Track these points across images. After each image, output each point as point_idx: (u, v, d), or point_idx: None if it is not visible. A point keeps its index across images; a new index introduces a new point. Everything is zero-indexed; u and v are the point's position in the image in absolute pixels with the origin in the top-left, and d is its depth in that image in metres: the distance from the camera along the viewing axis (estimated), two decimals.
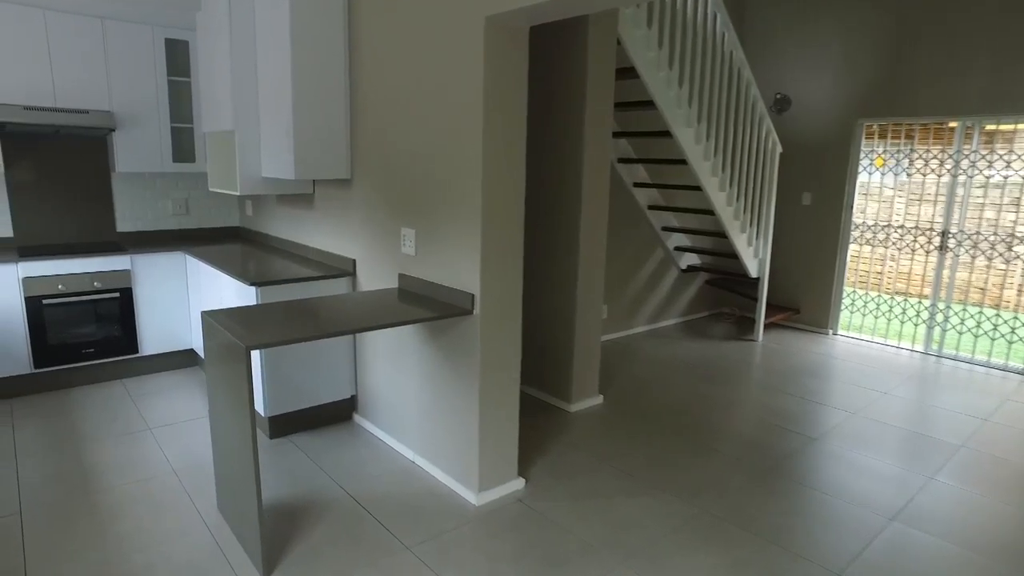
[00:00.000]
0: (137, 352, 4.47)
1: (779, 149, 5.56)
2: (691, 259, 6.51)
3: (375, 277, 3.47)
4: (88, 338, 4.29)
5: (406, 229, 3.15)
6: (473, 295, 2.77)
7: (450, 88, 2.76)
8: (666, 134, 4.88)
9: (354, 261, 3.62)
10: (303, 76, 3.29)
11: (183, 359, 4.70)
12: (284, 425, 3.61)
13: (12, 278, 3.99)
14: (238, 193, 3.72)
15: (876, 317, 6.05)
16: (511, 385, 2.98)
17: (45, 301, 4.11)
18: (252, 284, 3.30)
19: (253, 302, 3.38)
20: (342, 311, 2.76)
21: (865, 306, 6.12)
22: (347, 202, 3.63)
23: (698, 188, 5.21)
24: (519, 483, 3.11)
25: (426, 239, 3.03)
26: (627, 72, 4.37)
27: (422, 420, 3.23)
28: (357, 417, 3.82)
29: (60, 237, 4.59)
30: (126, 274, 4.34)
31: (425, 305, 2.89)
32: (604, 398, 4.35)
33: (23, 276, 4.02)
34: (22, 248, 4.37)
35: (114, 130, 4.32)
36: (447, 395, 3.02)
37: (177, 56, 4.65)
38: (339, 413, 3.82)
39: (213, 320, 2.53)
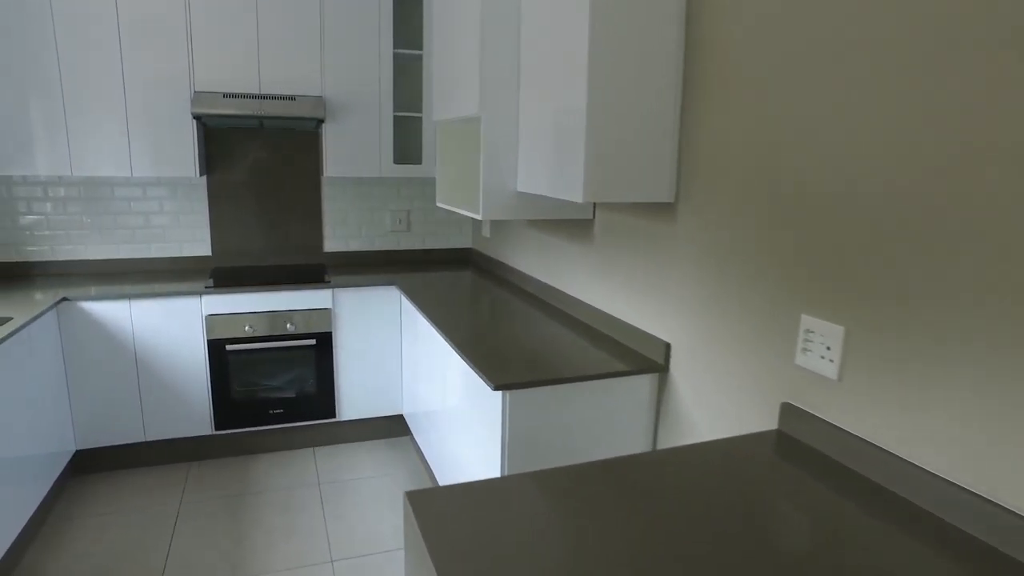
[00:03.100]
0: (334, 416, 3.37)
1: None
2: None
3: (713, 390, 1.88)
4: (277, 395, 3.25)
5: (817, 321, 1.50)
6: None
7: None
8: None
9: (667, 347, 2.06)
10: (606, 39, 1.79)
11: (389, 427, 3.53)
12: None
13: (195, 316, 3.05)
14: (479, 217, 2.36)
15: None
16: None
17: (229, 347, 3.12)
18: (497, 388, 1.88)
19: (496, 412, 1.97)
20: (684, 518, 1.20)
21: None
22: (662, 241, 2.08)
23: None
24: None
25: (877, 352, 1.37)
26: None
27: None
28: None
29: (262, 257, 3.65)
30: (326, 314, 3.23)
31: (875, 512, 1.23)
32: None
33: (206, 313, 3.06)
34: (217, 271, 3.46)
35: (323, 121, 3.22)
36: None
37: (407, 21, 3.46)
38: None
39: (426, 545, 1.10)
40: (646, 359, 2.13)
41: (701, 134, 1.86)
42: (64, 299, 2.86)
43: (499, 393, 1.93)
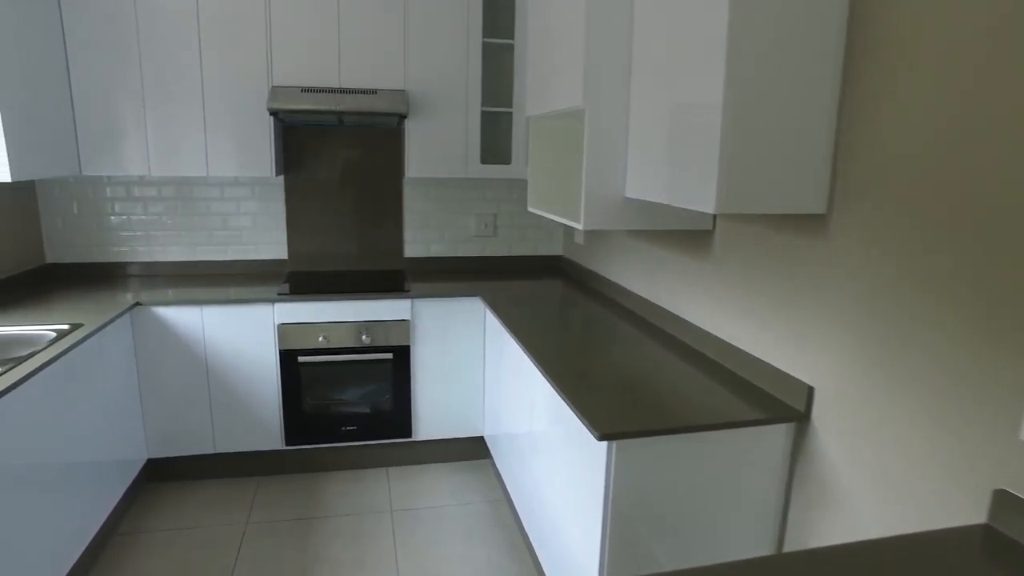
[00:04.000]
0: (410, 435, 3.12)
1: None
2: None
3: (876, 455, 1.48)
4: (351, 410, 3.04)
5: None
6: None
7: None
8: None
9: (809, 392, 1.67)
10: (749, 19, 1.42)
11: (468, 449, 3.25)
12: None
13: (267, 324, 2.87)
14: (580, 227, 2.03)
15: None
16: None
17: (301, 358, 2.92)
18: (604, 438, 1.55)
19: (598, 463, 1.64)
20: None
21: None
22: (807, 259, 1.69)
23: None
24: None
25: None
26: None
27: None
28: None
29: (339, 262, 3.46)
30: (404, 326, 2.99)
31: None
32: None
33: (279, 322, 2.87)
34: (292, 276, 3.29)
35: (406, 116, 2.98)
36: None
37: (498, 6, 3.18)
38: None
39: None
40: (779, 403, 1.74)
41: (868, 130, 1.46)
42: (137, 304, 2.74)
43: (604, 446, 1.59)
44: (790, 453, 1.73)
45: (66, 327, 2.37)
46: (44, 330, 2.36)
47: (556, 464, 2.02)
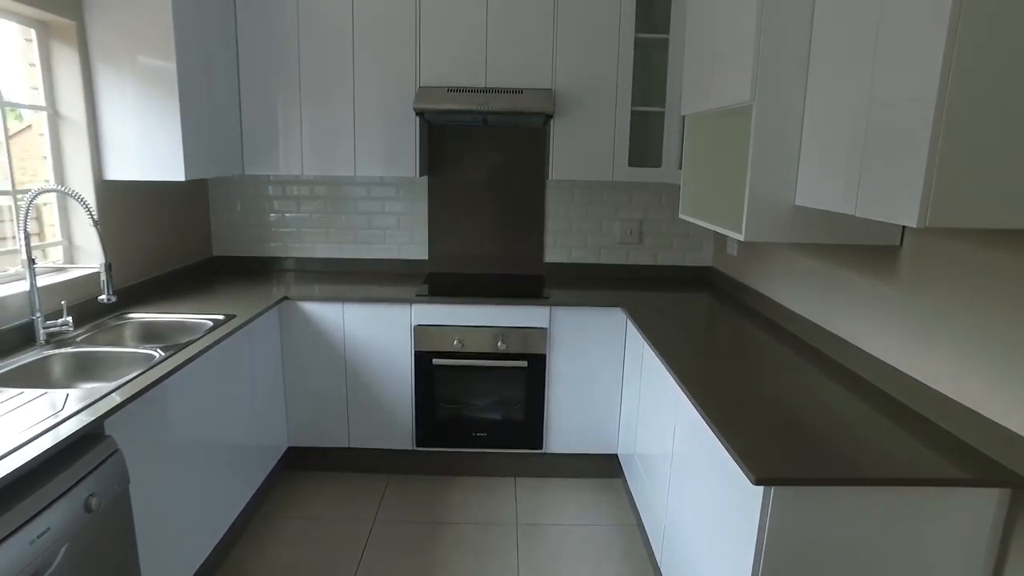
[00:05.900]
0: (540, 448, 3.01)
1: None
2: None
3: None
4: (481, 416, 2.98)
5: None
6: None
7: None
8: None
9: None
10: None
11: (599, 466, 3.08)
12: None
13: (404, 325, 2.88)
14: (741, 237, 1.79)
15: None
16: None
17: (436, 360, 2.90)
18: (760, 482, 1.33)
19: (751, 509, 1.41)
20: None
21: None
22: None
23: None
24: None
25: None
26: None
27: None
28: None
29: (479, 264, 3.42)
30: (541, 334, 2.88)
31: None
32: None
33: (415, 323, 2.87)
34: (431, 277, 3.30)
35: (552, 116, 2.86)
36: None
37: (652, 2, 2.98)
38: None
39: None
40: (991, 463, 1.41)
41: None
42: (285, 298, 2.85)
43: (760, 491, 1.37)
44: (1003, 525, 1.40)
45: (221, 317, 2.49)
46: (203, 319, 2.50)
47: (699, 498, 1.80)
